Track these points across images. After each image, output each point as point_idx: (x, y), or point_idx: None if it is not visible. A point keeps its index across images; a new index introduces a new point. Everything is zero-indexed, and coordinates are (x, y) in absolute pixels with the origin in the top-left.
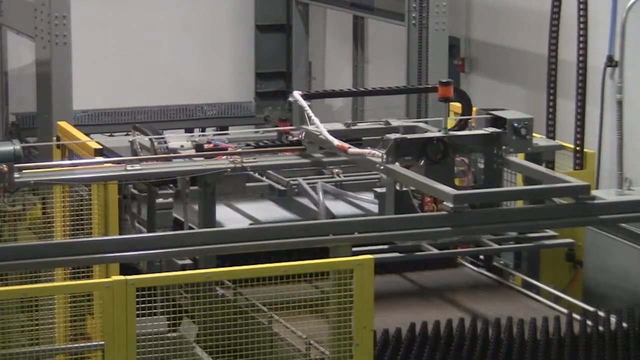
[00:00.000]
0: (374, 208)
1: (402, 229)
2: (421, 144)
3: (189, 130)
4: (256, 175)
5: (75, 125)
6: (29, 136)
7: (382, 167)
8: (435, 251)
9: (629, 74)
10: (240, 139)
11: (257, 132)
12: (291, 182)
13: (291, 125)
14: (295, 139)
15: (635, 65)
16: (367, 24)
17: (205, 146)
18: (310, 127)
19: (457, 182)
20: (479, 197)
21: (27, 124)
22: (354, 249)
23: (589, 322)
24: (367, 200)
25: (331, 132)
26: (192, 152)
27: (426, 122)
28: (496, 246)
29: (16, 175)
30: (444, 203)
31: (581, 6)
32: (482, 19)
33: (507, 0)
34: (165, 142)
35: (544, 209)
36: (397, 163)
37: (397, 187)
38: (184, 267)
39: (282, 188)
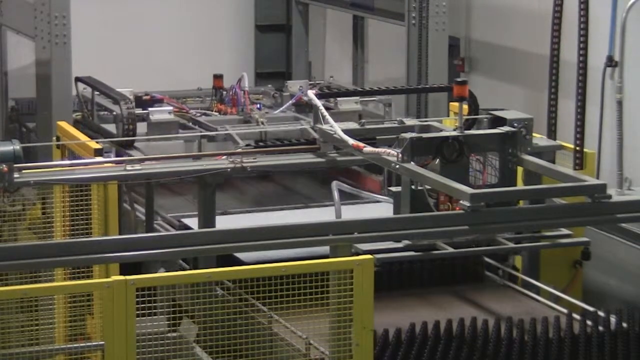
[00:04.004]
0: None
1: (420, 227)
2: (437, 143)
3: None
4: (189, 124)
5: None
6: (28, 122)
7: (397, 166)
8: (451, 250)
9: (629, 74)
10: (177, 93)
11: (199, 89)
12: (219, 129)
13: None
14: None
15: (635, 65)
16: (367, 24)
17: (144, 98)
18: (325, 126)
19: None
20: (496, 196)
21: (26, 109)
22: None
23: (589, 322)
24: (383, 199)
25: (345, 132)
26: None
27: (440, 122)
28: (512, 245)
29: (16, 175)
30: (461, 202)
31: (582, 6)
32: (482, 19)
33: (507, 0)
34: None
35: (561, 208)
36: (412, 162)
37: (412, 187)
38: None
39: (212, 134)
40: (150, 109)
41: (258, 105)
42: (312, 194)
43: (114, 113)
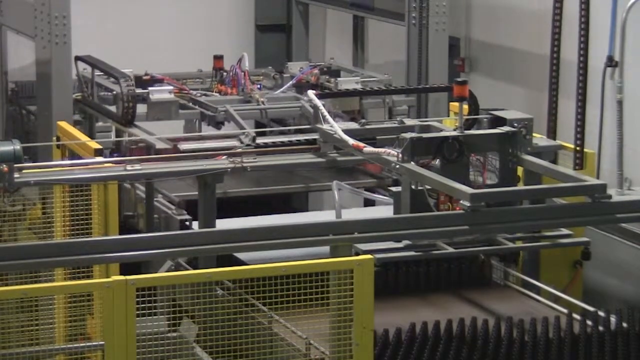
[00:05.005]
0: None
1: (420, 227)
2: (437, 143)
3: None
4: (189, 104)
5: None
6: (29, 104)
7: (397, 166)
8: (451, 250)
9: (629, 74)
10: (178, 75)
11: (199, 71)
12: (220, 108)
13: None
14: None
15: (635, 65)
16: (367, 24)
17: (144, 78)
18: (325, 126)
19: None
20: (496, 196)
21: (26, 92)
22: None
23: (589, 322)
24: (383, 199)
25: (346, 132)
26: None
27: (440, 122)
28: (512, 245)
29: (16, 175)
30: (461, 202)
31: (582, 6)
32: (482, 19)
33: (507, 0)
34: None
35: (561, 208)
36: (412, 162)
37: (412, 187)
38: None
39: (212, 114)
40: (150, 88)
41: (258, 86)
42: (313, 175)
43: (114, 92)
